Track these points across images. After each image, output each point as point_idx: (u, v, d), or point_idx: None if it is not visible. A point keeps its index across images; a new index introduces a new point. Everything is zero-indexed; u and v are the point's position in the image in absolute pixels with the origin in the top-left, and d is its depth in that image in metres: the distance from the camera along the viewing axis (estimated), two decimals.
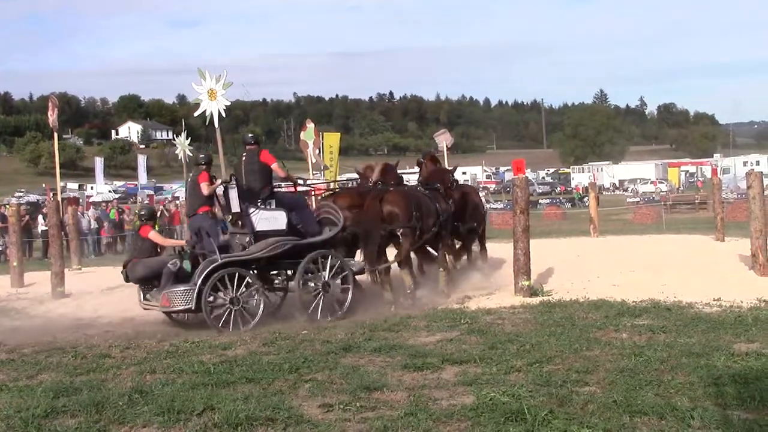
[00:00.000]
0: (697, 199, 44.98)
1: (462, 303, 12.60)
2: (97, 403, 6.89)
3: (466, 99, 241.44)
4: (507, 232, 24.35)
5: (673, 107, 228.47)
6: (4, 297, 16.34)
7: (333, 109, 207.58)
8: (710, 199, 29.85)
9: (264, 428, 6.20)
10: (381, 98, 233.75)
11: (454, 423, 6.16)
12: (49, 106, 23.20)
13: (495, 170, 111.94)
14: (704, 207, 40.16)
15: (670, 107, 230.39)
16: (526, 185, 13.58)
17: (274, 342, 9.71)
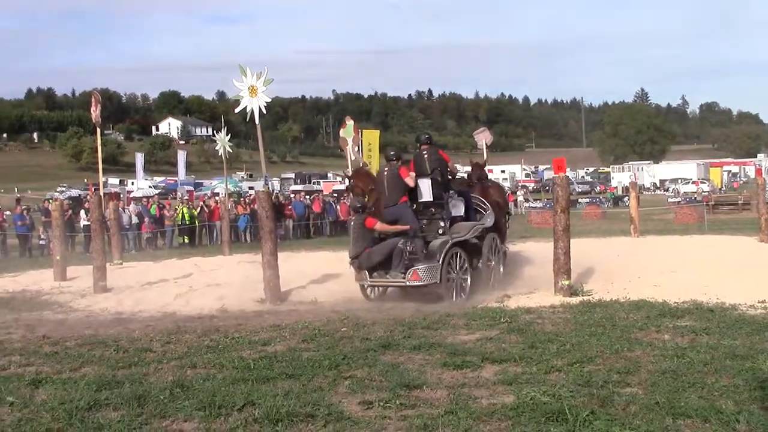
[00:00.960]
0: (741, 199, 44.40)
1: (501, 302, 12.54)
2: (138, 397, 6.94)
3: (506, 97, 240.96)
4: (546, 231, 24.27)
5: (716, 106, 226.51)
6: (47, 290, 16.52)
7: (372, 107, 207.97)
8: (754, 199, 29.45)
9: (304, 424, 6.21)
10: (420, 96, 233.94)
11: (494, 422, 6.12)
12: (91, 101, 23.31)
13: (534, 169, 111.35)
14: (747, 208, 39.64)
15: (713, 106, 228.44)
16: (566, 184, 13.50)
17: (313, 338, 9.72)
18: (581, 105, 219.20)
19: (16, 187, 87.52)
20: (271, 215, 13.94)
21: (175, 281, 16.83)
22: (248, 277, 16.52)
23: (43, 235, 29.93)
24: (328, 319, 11.31)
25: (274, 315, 12.09)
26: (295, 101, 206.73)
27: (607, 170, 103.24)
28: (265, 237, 13.79)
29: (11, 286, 17.58)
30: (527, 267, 16.18)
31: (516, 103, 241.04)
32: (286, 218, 34.68)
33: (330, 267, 17.88)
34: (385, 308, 12.45)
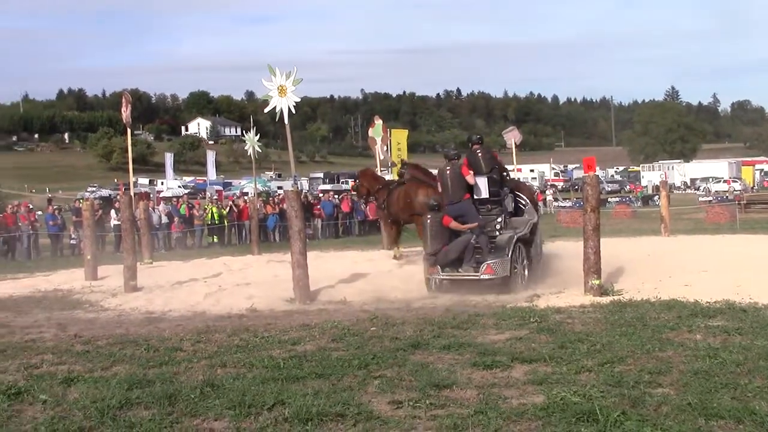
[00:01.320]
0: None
1: (531, 301, 12.49)
2: (169, 396, 6.99)
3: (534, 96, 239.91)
4: (575, 230, 24.16)
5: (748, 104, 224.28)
6: (78, 290, 16.64)
7: (400, 106, 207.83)
8: None
9: (334, 424, 6.22)
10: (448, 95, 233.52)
11: (524, 422, 6.10)
12: (122, 102, 23.47)
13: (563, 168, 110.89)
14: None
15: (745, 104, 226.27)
16: (597, 183, 13.43)
17: (342, 338, 9.74)
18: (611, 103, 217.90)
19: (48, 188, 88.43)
20: (300, 215, 13.96)
21: (205, 280, 16.90)
22: (277, 277, 16.59)
23: (73, 235, 30.16)
24: (358, 318, 11.33)
25: (303, 314, 12.11)
26: (323, 101, 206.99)
27: (636, 169, 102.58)
28: (294, 236, 13.81)
29: (43, 285, 17.72)
30: (556, 266, 16.09)
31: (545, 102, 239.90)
32: (314, 218, 34.75)
33: (359, 266, 17.91)
34: (414, 308, 12.43)
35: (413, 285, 14.81)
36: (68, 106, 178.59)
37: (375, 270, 17.03)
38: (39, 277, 19.79)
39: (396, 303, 13.05)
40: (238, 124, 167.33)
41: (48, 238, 30.41)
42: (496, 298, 13.12)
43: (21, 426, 6.39)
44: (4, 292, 16.52)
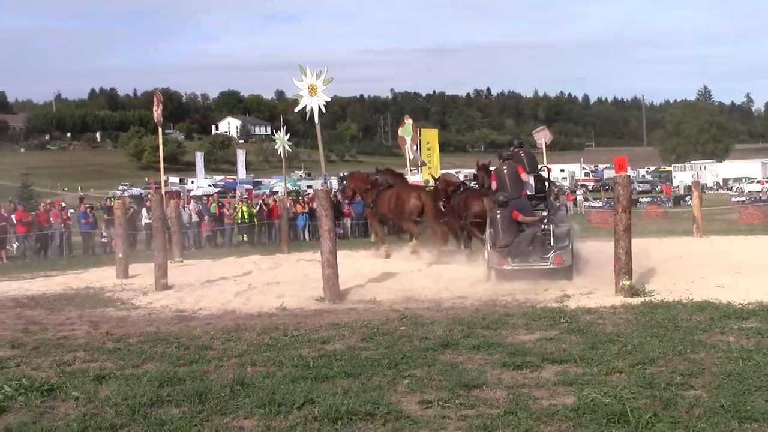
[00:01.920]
0: None
1: (561, 302, 12.43)
2: (200, 394, 7.02)
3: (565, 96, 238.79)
4: (606, 230, 24.02)
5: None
6: (110, 288, 16.76)
7: (430, 105, 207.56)
8: None
9: (363, 423, 6.22)
10: (478, 94, 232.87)
11: (555, 423, 6.07)
12: (153, 101, 23.61)
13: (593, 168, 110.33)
14: None
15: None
16: (628, 183, 13.35)
17: (372, 337, 9.74)
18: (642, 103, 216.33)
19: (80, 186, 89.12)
20: (330, 214, 13.97)
21: (235, 279, 16.95)
22: (307, 276, 16.62)
23: (105, 233, 30.39)
24: (387, 317, 11.33)
25: (333, 313, 12.12)
26: (353, 100, 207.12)
27: (668, 169, 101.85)
28: (324, 235, 13.82)
29: (75, 283, 17.85)
30: (587, 267, 16.01)
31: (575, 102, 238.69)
32: (344, 217, 34.78)
33: (388, 266, 17.90)
34: (443, 308, 12.41)
35: (443, 284, 14.80)
36: (100, 105, 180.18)
37: (404, 269, 17.02)
38: (71, 275, 19.95)
39: (426, 302, 13.03)
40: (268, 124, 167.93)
41: (80, 236, 30.66)
42: (526, 298, 13.07)
43: (54, 422, 6.44)
44: (37, 290, 16.67)
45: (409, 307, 12.46)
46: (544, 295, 13.28)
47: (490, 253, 15.35)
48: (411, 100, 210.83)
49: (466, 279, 15.34)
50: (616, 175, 13.60)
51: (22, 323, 12.09)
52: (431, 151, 32.24)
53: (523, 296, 13.28)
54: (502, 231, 15.22)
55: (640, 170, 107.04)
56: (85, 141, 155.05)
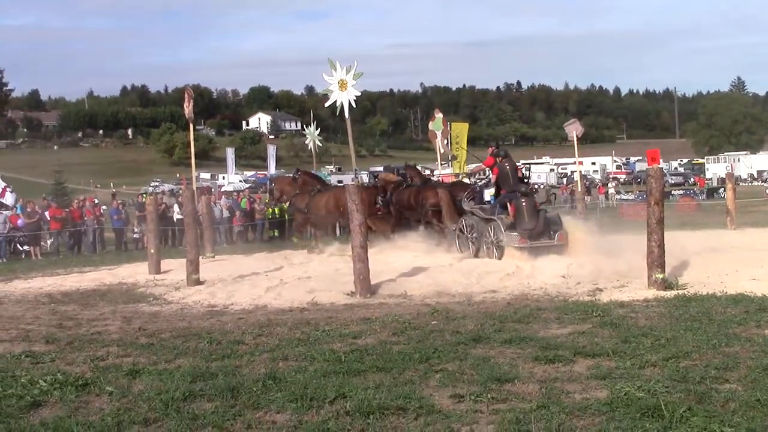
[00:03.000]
0: None
1: (593, 295, 12.36)
2: (232, 388, 7.04)
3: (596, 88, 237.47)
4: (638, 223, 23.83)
5: None
6: (142, 283, 16.86)
7: (460, 99, 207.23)
8: None
9: (395, 417, 6.21)
10: (508, 88, 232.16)
11: (588, 417, 6.03)
12: (185, 97, 23.72)
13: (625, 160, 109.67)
14: None
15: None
16: (661, 176, 13.24)
17: (404, 332, 9.73)
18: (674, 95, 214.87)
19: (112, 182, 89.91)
20: (361, 209, 13.98)
21: (266, 274, 16.98)
22: (338, 270, 16.64)
23: (136, 229, 30.62)
24: (418, 312, 11.32)
25: (364, 308, 12.12)
26: (383, 95, 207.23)
27: (701, 161, 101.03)
28: (355, 230, 13.83)
29: (108, 278, 18.00)
30: (619, 260, 15.91)
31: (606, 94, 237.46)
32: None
33: (419, 260, 17.86)
34: (475, 302, 12.38)
35: (474, 278, 14.77)
36: (131, 102, 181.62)
37: (435, 264, 16.98)
38: (104, 270, 20.12)
39: (457, 297, 13.00)
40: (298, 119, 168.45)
41: (113, 233, 30.92)
42: (557, 291, 13.01)
43: (89, 416, 6.49)
44: (71, 286, 16.82)
45: (441, 302, 12.44)
46: (576, 289, 13.22)
47: (508, 234, 17.49)
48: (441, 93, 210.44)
49: (497, 273, 15.30)
50: (649, 168, 13.49)
51: (56, 319, 12.20)
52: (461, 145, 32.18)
53: (555, 290, 13.22)
54: (528, 216, 17.60)
55: (673, 162, 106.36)
56: (117, 138, 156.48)
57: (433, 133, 28.78)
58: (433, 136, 28.70)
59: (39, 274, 19.93)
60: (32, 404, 6.90)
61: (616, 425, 5.79)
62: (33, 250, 28.39)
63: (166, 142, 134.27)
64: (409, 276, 15.21)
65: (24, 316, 12.72)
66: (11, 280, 18.85)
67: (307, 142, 35.85)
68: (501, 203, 18.10)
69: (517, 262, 16.55)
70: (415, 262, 17.38)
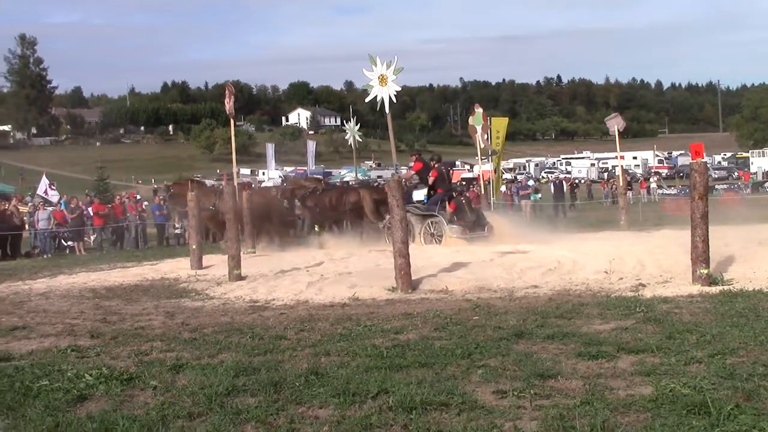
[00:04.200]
0: None
1: (636, 291, 12.25)
2: (275, 383, 7.06)
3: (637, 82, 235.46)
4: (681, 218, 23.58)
5: None
6: (184, 278, 16.98)
7: (499, 94, 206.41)
8: None
9: (438, 413, 6.19)
10: (548, 82, 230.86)
11: (632, 414, 5.97)
12: (225, 93, 23.84)
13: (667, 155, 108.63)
14: None
15: None
16: (705, 170, 13.07)
17: (445, 327, 9.71)
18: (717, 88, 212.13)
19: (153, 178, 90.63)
20: (401, 204, 13.96)
21: (307, 270, 17.02)
22: (379, 266, 16.63)
23: (178, 225, 30.84)
24: (460, 307, 11.29)
25: (405, 303, 12.12)
26: (422, 90, 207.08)
27: (745, 155, 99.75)
28: (396, 225, 13.83)
29: (151, 274, 18.15)
30: (661, 255, 15.75)
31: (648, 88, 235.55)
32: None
33: (460, 256, 17.81)
34: (516, 297, 12.32)
35: (515, 274, 14.70)
36: (172, 98, 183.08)
37: (476, 259, 16.92)
38: (146, 266, 20.28)
39: (498, 292, 12.96)
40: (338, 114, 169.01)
41: (155, 228, 31.17)
42: (600, 287, 12.91)
43: (133, 410, 6.55)
44: (114, 281, 16.99)
45: (482, 297, 12.40)
46: (619, 284, 13.10)
47: (451, 227, 20.72)
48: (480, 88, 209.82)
49: (539, 268, 15.22)
50: (693, 162, 13.33)
51: (100, 313, 12.33)
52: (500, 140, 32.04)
53: (597, 285, 13.12)
54: (467, 211, 21.29)
55: (716, 157, 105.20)
56: (158, 134, 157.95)
57: (473, 127, 28.71)
58: (473, 131, 28.62)
59: (83, 270, 20.17)
60: (78, 398, 6.99)
61: (662, 422, 5.73)
62: (77, 246, 28.75)
63: (206, 138, 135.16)
64: (449, 271, 15.17)
65: (69, 310, 12.88)
66: (56, 275, 19.08)
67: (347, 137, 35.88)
68: (439, 201, 21.35)
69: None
70: (456, 257, 17.34)
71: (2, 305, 13.93)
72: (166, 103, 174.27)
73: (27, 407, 6.73)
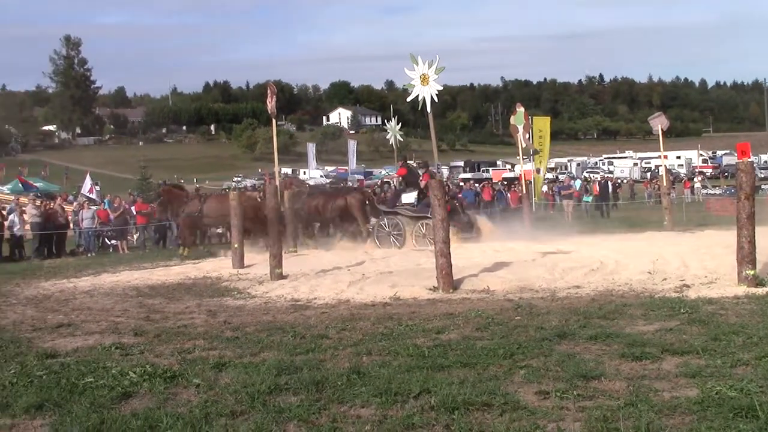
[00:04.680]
0: None
1: (680, 292, 12.11)
2: (317, 382, 7.08)
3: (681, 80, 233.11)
4: (726, 219, 23.32)
5: None
6: (226, 277, 17.08)
7: (541, 93, 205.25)
8: None
9: (480, 413, 6.17)
10: (590, 81, 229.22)
11: (677, 416, 5.91)
12: (267, 93, 23.92)
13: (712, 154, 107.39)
14: None
15: None
16: (751, 170, 12.89)
17: (487, 327, 9.67)
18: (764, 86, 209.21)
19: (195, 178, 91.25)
20: (443, 203, 13.93)
21: (348, 269, 17.05)
22: (420, 265, 16.63)
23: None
24: (501, 307, 11.24)
25: (446, 303, 12.08)
26: (463, 89, 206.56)
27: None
28: (438, 225, 13.79)
29: (193, 272, 18.27)
30: (706, 256, 15.57)
31: (692, 86, 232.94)
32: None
33: (501, 255, 17.78)
34: (558, 297, 12.24)
35: (557, 274, 14.62)
36: (214, 98, 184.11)
37: (517, 259, 16.86)
38: (189, 264, 20.44)
39: (540, 292, 12.88)
40: (379, 114, 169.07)
41: None
42: (643, 287, 12.79)
43: (177, 408, 6.60)
44: (157, 279, 17.14)
45: (524, 297, 12.33)
46: (662, 285, 12.96)
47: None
48: (522, 87, 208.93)
49: (581, 269, 15.12)
50: (739, 162, 13.16)
51: (144, 311, 12.44)
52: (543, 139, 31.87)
53: (640, 286, 12.99)
54: (460, 214, 23.07)
55: (762, 156, 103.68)
56: (199, 133, 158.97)
57: (514, 127, 28.55)
58: (515, 131, 28.46)
59: (126, 268, 20.37)
60: (123, 395, 7.06)
61: (708, 425, 5.65)
62: (120, 244, 29.03)
63: (247, 138, 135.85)
64: (491, 271, 15.11)
65: (113, 308, 13.01)
66: (100, 273, 19.29)
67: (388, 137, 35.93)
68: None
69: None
70: (497, 257, 17.29)
71: (48, 303, 14.13)
72: (207, 103, 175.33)
73: (73, 404, 6.81)
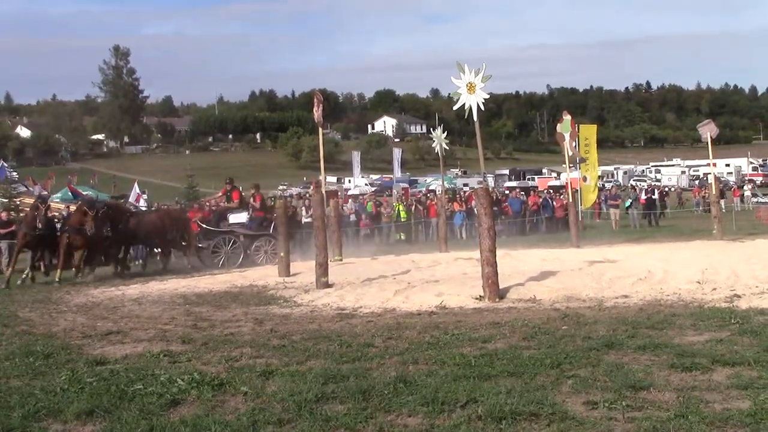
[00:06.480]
0: None
1: (731, 302, 11.94)
2: (363, 391, 7.08)
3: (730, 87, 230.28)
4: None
5: None
6: (272, 286, 17.15)
7: (587, 101, 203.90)
8: None
9: (528, 423, 6.13)
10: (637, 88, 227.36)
11: (729, 428, 5.83)
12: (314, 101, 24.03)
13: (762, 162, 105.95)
14: None
15: None
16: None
17: (534, 336, 9.62)
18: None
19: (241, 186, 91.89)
20: (489, 212, 13.88)
21: (394, 277, 17.04)
22: (466, 274, 16.57)
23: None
24: (548, 317, 11.17)
25: (493, 312, 12.03)
26: (509, 97, 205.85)
27: None
28: (484, 234, 13.74)
29: (239, 281, 18.39)
30: (757, 266, 15.35)
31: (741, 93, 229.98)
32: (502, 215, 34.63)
33: (547, 264, 17.67)
34: (606, 307, 12.13)
35: (605, 283, 14.49)
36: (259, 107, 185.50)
37: (564, 268, 16.75)
38: (235, 273, 20.58)
39: (587, 301, 12.77)
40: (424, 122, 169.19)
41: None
42: (692, 297, 12.62)
43: (225, 415, 6.64)
44: (204, 287, 17.27)
45: (571, 306, 12.24)
46: (712, 295, 12.80)
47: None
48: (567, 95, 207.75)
49: (629, 278, 14.97)
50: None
51: (191, 319, 12.54)
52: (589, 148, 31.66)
53: (690, 296, 12.84)
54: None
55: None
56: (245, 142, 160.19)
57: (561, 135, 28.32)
58: (561, 139, 28.23)
59: (174, 276, 20.54)
60: (171, 402, 7.12)
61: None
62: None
63: (293, 146, 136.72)
64: (537, 280, 15.02)
65: (161, 316, 13.13)
66: (148, 281, 19.49)
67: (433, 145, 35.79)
68: (263, 222, 24.21)
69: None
70: (543, 266, 17.20)
71: (97, 310, 14.30)
72: (253, 112, 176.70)
73: (122, 410, 6.88)
